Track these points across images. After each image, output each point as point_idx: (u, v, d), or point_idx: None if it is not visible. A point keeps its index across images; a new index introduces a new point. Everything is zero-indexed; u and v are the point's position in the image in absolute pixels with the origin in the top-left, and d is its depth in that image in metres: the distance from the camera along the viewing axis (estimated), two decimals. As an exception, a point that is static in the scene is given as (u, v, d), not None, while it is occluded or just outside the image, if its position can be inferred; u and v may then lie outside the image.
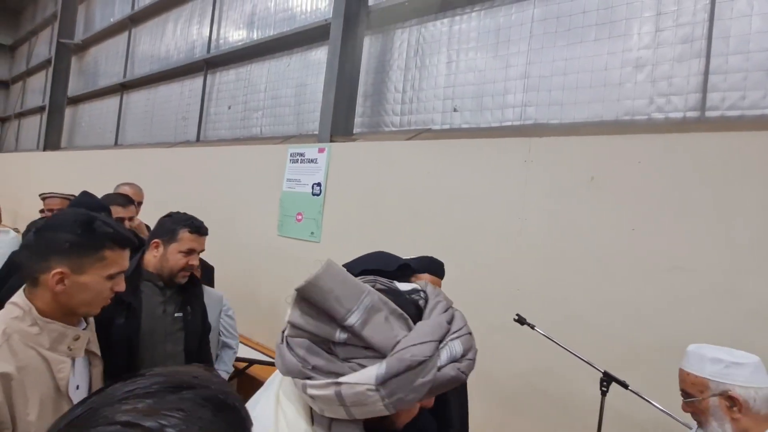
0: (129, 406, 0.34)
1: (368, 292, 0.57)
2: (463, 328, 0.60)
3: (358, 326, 0.55)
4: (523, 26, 2.53)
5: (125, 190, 2.49)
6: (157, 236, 1.51)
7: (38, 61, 8.99)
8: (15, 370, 0.87)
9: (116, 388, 0.36)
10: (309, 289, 0.55)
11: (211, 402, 0.35)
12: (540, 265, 1.91)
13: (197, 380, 0.37)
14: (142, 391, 0.35)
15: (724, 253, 1.55)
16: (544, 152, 2.01)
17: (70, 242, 0.93)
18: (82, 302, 0.96)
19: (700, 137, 1.71)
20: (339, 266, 0.59)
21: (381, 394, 0.53)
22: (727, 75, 1.90)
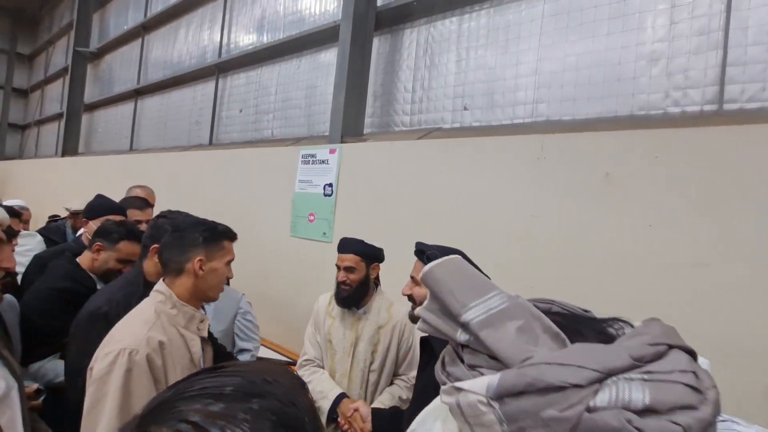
0: (200, 405, 0.36)
1: (501, 294, 0.50)
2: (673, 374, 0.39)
3: (475, 325, 0.47)
4: (533, 22, 2.51)
5: (137, 192, 2.54)
6: (156, 241, 1.42)
7: (55, 69, 9.23)
8: (167, 340, 1.10)
9: (194, 381, 0.39)
10: (425, 278, 0.52)
11: (276, 415, 0.37)
12: (554, 262, 1.89)
13: (270, 387, 0.39)
14: (217, 391, 0.37)
15: (747, 248, 1.52)
16: (557, 149, 1.98)
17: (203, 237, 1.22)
18: (211, 286, 1.22)
19: (718, 131, 1.67)
20: (465, 262, 0.54)
21: (497, 414, 0.41)
22: (746, 66, 1.85)
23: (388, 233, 2.62)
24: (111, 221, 1.81)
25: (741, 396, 1.42)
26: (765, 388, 1.45)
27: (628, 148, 1.78)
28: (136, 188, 2.65)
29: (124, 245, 1.72)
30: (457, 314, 0.48)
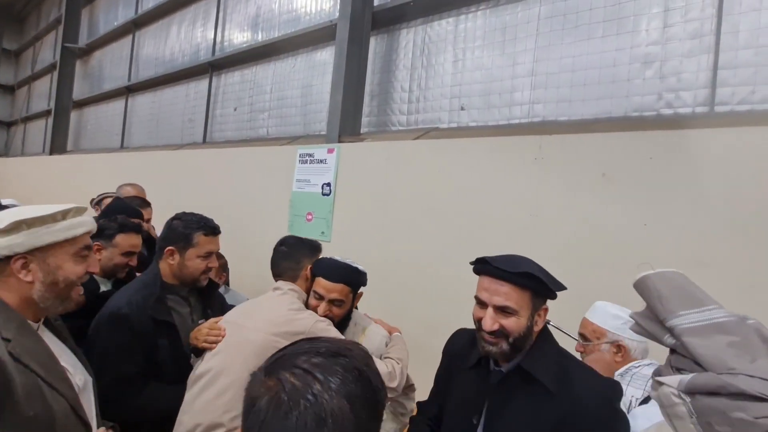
0: (306, 358, 0.52)
1: (721, 309, 0.54)
2: None
3: (681, 331, 0.52)
4: (529, 24, 2.54)
5: (128, 190, 2.54)
6: (171, 243, 1.44)
7: (43, 65, 9.06)
8: None
9: (299, 345, 0.56)
10: (637, 285, 0.59)
11: (358, 370, 0.52)
12: (553, 261, 1.92)
13: (349, 351, 0.55)
14: (316, 350, 0.53)
15: (740, 247, 1.56)
16: (555, 150, 2.02)
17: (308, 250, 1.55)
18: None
19: (710, 133, 1.72)
20: (683, 276, 0.59)
21: (687, 407, 0.48)
22: (737, 70, 1.91)
23: (386, 232, 2.64)
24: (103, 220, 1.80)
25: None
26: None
27: (625, 149, 1.82)
28: (127, 186, 2.64)
29: (122, 238, 1.72)
30: (663, 319, 0.54)
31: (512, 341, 0.99)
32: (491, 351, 1.01)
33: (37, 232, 0.92)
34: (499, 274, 0.99)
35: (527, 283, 0.99)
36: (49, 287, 0.94)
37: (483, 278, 1.03)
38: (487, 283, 1.01)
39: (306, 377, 0.50)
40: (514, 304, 0.98)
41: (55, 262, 0.95)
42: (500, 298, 0.99)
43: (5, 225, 0.89)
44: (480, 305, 1.04)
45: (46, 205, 0.98)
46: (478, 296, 1.04)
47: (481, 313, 1.02)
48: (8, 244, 0.90)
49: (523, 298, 0.99)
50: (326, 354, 0.53)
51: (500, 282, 0.99)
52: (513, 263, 1.00)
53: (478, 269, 1.06)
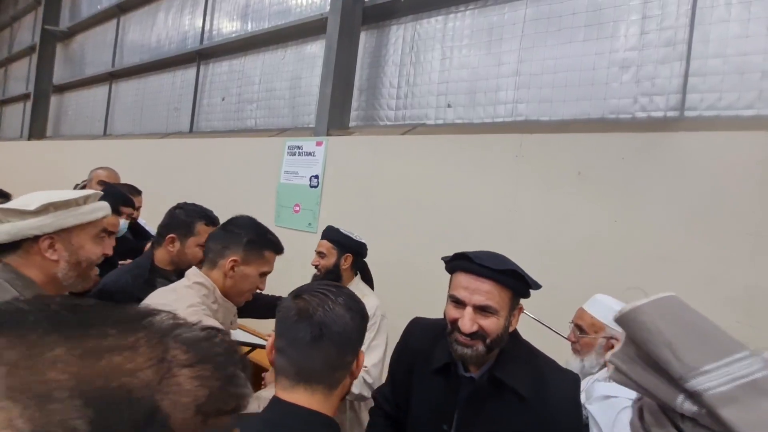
0: (323, 287, 0.79)
1: (751, 356, 0.38)
2: None
3: (712, 398, 0.36)
4: (515, 25, 2.62)
5: (101, 174, 2.58)
6: (172, 230, 1.49)
7: (21, 47, 8.76)
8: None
9: (313, 283, 0.83)
10: (625, 321, 0.41)
11: (352, 296, 0.81)
12: (531, 254, 2.02)
13: (343, 289, 0.81)
14: (326, 284, 0.80)
15: (701, 243, 1.68)
16: (535, 148, 2.11)
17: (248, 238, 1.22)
18: (237, 291, 1.22)
19: (679, 136, 1.83)
20: (684, 304, 0.42)
21: None
22: (706, 77, 2.02)
23: (372, 225, 2.71)
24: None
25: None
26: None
27: (599, 149, 1.92)
28: (99, 170, 2.66)
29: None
30: (681, 377, 0.37)
31: (489, 343, 0.94)
32: (465, 354, 0.94)
33: (63, 214, 0.98)
34: (481, 272, 0.93)
35: (509, 281, 0.94)
36: (73, 266, 1.01)
37: (461, 276, 0.96)
38: (467, 280, 0.94)
39: (322, 296, 0.76)
40: (495, 303, 0.93)
41: (78, 242, 1.02)
42: (481, 297, 0.92)
43: (36, 207, 0.94)
44: (456, 304, 0.96)
45: (66, 190, 1.06)
46: (455, 295, 0.96)
47: (456, 313, 0.95)
48: (38, 225, 0.95)
49: (503, 298, 0.94)
50: (332, 286, 0.80)
51: (482, 280, 0.93)
52: (496, 260, 0.95)
53: (456, 266, 0.98)
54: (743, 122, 1.87)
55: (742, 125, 1.83)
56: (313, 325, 0.71)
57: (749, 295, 1.57)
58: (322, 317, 0.72)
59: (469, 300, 0.94)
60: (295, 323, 0.72)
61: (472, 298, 0.94)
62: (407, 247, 2.54)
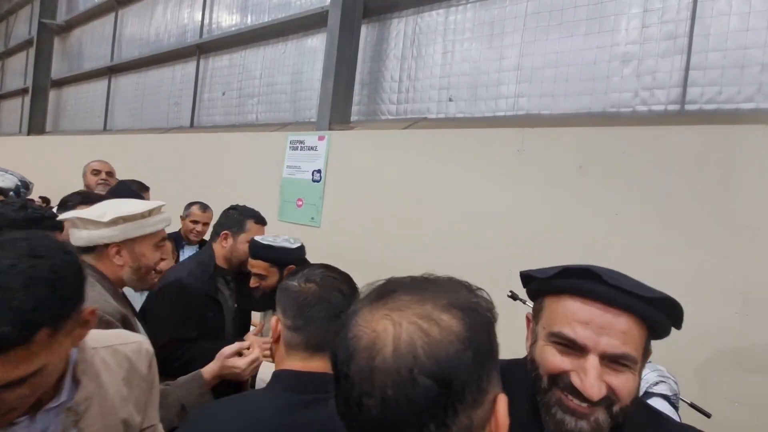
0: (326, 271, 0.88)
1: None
2: None
3: None
4: (516, 19, 2.62)
5: (96, 166, 2.67)
6: (226, 227, 1.64)
7: (18, 41, 8.70)
8: None
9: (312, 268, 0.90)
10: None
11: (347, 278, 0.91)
12: (533, 247, 2.05)
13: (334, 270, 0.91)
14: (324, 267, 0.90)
15: (700, 237, 1.71)
16: (536, 142, 2.13)
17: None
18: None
19: (679, 130, 1.85)
20: None
21: None
22: (706, 71, 2.04)
23: (375, 219, 2.73)
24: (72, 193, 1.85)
25: (686, 366, 1.63)
26: (706, 361, 1.66)
27: (600, 143, 1.94)
28: (95, 162, 2.72)
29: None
30: None
31: (616, 412, 0.60)
32: (581, 429, 0.60)
33: (130, 226, 1.11)
34: (617, 299, 0.60)
35: (657, 317, 0.62)
36: (134, 271, 1.14)
37: (576, 302, 0.62)
38: (589, 312, 0.61)
39: (331, 279, 0.86)
40: (634, 350, 0.61)
41: (141, 250, 1.14)
42: (616, 340, 0.60)
43: (108, 219, 1.07)
44: (565, 349, 0.62)
45: (133, 200, 1.18)
46: (565, 333, 0.62)
47: (566, 363, 0.61)
48: (109, 235, 1.08)
49: (641, 341, 0.62)
50: (330, 269, 0.90)
51: (616, 312, 0.61)
52: (633, 282, 0.63)
53: (568, 286, 0.64)
54: (743, 116, 1.89)
55: (741, 119, 1.85)
56: (330, 307, 0.81)
57: (748, 287, 1.60)
58: (338, 301, 0.82)
59: (594, 345, 0.60)
60: (314, 306, 0.81)
61: (600, 342, 0.60)
62: (409, 241, 2.57)
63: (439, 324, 0.41)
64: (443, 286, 0.47)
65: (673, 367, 1.21)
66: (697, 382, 1.66)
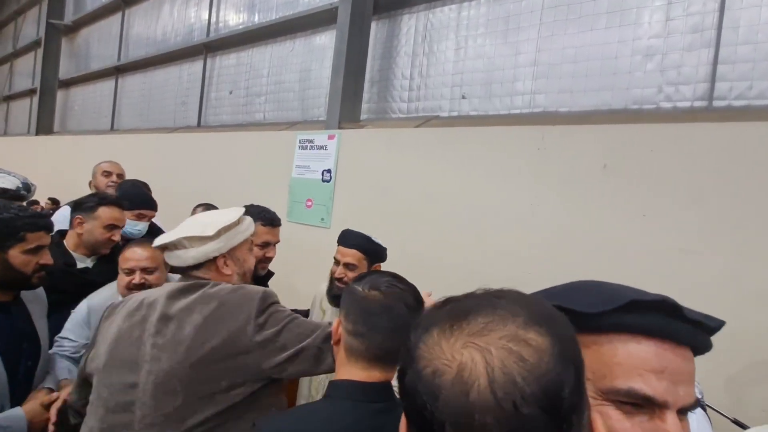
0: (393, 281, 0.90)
1: None
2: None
3: None
4: (533, 13, 2.54)
5: (106, 167, 2.62)
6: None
7: (26, 42, 8.74)
8: None
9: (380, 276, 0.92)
10: None
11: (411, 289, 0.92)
12: (553, 250, 1.97)
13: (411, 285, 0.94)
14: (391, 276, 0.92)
15: (731, 238, 1.62)
16: (558, 140, 2.05)
17: None
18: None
19: (709, 127, 1.76)
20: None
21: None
22: (735, 65, 1.94)
23: (387, 220, 2.66)
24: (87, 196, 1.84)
25: (725, 376, 1.55)
26: (740, 370, 1.58)
27: (626, 141, 1.86)
28: (105, 164, 2.69)
29: (103, 211, 1.74)
30: None
31: None
32: None
33: (231, 234, 1.15)
34: (690, 336, 0.48)
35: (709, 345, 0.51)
36: (241, 277, 1.19)
37: (641, 344, 0.47)
38: (662, 356, 0.47)
39: (397, 290, 0.86)
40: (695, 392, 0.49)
41: (241, 255, 1.19)
42: (690, 387, 0.48)
43: (213, 233, 1.11)
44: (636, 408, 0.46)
45: (223, 210, 1.22)
46: (640, 391, 0.45)
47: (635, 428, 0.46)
48: (216, 248, 1.12)
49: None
50: (398, 280, 0.91)
51: (684, 352, 0.48)
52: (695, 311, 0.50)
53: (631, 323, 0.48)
54: (776, 112, 1.80)
55: (775, 115, 1.76)
56: (393, 318, 0.82)
57: (784, 291, 1.52)
58: (400, 312, 0.84)
59: (675, 399, 0.46)
60: (378, 314, 0.83)
61: (678, 394, 0.46)
62: (423, 242, 2.50)
63: (530, 344, 0.35)
64: (512, 300, 0.41)
65: (703, 376, 1.13)
66: (729, 392, 1.58)
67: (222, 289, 1.04)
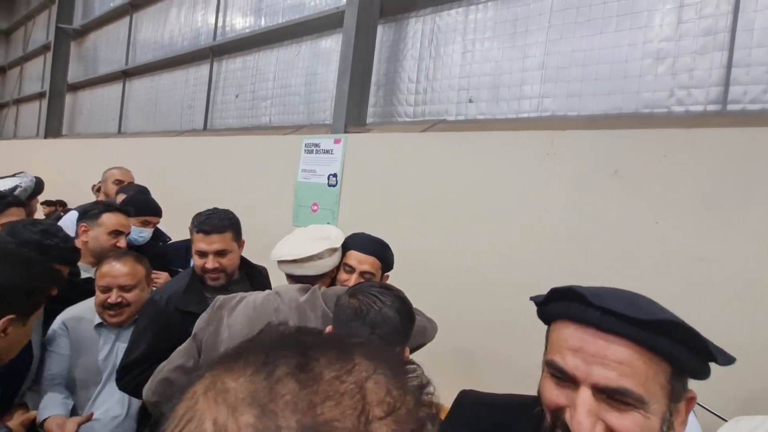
0: (375, 289, 0.90)
1: None
2: None
3: None
4: (541, 16, 2.51)
5: (115, 174, 2.61)
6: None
7: (35, 46, 8.84)
8: None
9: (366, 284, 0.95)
10: None
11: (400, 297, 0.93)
12: (562, 257, 1.94)
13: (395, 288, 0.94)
14: (378, 285, 0.93)
15: (746, 244, 1.58)
16: (567, 145, 2.02)
17: None
18: None
19: (723, 132, 1.72)
20: None
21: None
22: (750, 68, 1.90)
23: (393, 225, 2.64)
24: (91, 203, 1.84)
25: (738, 387, 1.50)
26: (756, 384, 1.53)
27: (638, 146, 1.82)
28: (114, 170, 2.68)
29: (107, 217, 1.73)
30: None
31: None
32: None
33: (340, 249, 1.27)
34: (607, 324, 0.52)
35: (664, 345, 0.51)
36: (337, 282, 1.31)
37: (569, 327, 0.55)
38: (579, 337, 0.54)
39: (374, 298, 0.85)
40: (637, 386, 0.51)
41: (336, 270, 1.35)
42: (611, 372, 0.51)
43: (339, 245, 1.22)
44: (559, 381, 0.55)
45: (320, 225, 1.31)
46: (557, 362, 0.55)
47: (561, 397, 0.54)
48: (337, 259, 1.25)
49: (653, 376, 0.51)
50: (384, 287, 0.90)
51: (609, 338, 0.52)
52: (633, 303, 0.54)
53: (558, 310, 0.58)
54: (793, 116, 1.75)
55: (792, 119, 1.72)
56: (365, 324, 0.82)
57: (803, 301, 1.47)
58: (374, 318, 0.83)
59: (585, 375, 0.52)
60: (350, 321, 0.83)
61: (591, 372, 0.52)
62: (429, 247, 2.47)
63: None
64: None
65: (721, 389, 1.10)
66: (748, 405, 1.53)
67: None
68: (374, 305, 0.84)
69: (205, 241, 1.40)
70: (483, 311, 2.19)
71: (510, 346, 2.05)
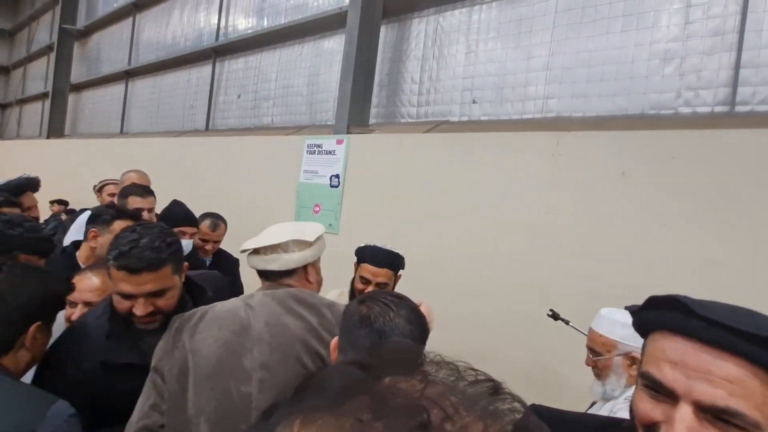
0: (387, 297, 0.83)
1: None
2: None
3: None
4: (545, 16, 2.49)
5: (131, 177, 2.52)
6: None
7: (39, 46, 8.87)
8: None
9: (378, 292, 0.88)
10: None
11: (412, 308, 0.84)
12: (569, 258, 1.91)
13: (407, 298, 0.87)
14: (391, 294, 0.86)
15: (756, 247, 1.55)
16: (573, 147, 1.99)
17: None
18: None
19: (731, 133, 1.70)
20: None
21: None
22: (759, 69, 1.88)
23: (396, 226, 2.62)
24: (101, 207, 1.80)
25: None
26: None
27: (645, 148, 1.80)
28: (130, 172, 2.62)
29: (118, 224, 1.69)
30: None
31: None
32: None
33: (321, 244, 1.17)
34: (716, 338, 0.48)
35: None
36: (318, 286, 1.19)
37: (669, 339, 0.51)
38: (680, 349, 0.49)
39: (384, 306, 0.80)
40: (751, 409, 0.46)
41: (317, 266, 1.18)
42: (717, 389, 0.47)
43: (313, 239, 1.11)
44: (657, 394, 0.51)
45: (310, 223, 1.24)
46: (653, 374, 0.51)
47: (656, 413, 0.50)
48: (312, 254, 1.12)
49: (763, 395, 0.46)
50: (396, 297, 0.84)
51: (717, 353, 0.48)
52: (746, 318, 0.50)
53: (658, 319, 0.53)
54: (803, 118, 1.73)
55: (802, 121, 1.69)
56: (373, 332, 0.77)
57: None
58: (382, 326, 0.78)
59: (685, 390, 0.48)
60: (357, 328, 0.78)
61: (692, 388, 0.48)
62: (432, 249, 2.44)
63: None
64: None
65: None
66: None
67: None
68: (384, 314, 0.80)
69: (130, 281, 0.96)
70: (487, 312, 2.16)
71: (514, 347, 2.03)
